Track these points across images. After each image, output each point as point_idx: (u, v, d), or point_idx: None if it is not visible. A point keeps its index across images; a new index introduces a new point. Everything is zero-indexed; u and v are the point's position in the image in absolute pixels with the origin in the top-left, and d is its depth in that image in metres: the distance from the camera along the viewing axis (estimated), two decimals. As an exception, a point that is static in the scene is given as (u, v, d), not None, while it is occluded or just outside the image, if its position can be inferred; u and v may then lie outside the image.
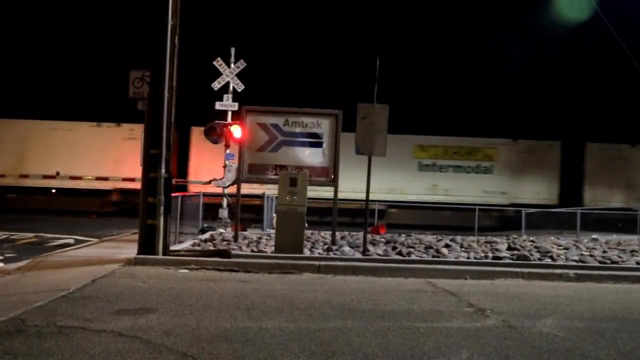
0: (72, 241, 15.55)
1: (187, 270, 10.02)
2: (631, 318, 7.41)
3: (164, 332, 5.85)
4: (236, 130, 16.21)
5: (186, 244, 13.08)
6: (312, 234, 15.48)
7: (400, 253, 12.17)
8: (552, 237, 18.32)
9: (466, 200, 26.24)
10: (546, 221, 24.41)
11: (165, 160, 10.72)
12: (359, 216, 21.73)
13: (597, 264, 11.72)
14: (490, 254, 12.22)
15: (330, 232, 13.74)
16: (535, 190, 27.76)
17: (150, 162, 10.75)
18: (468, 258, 11.82)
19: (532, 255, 12.23)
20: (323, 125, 13.53)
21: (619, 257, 12.67)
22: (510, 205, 26.19)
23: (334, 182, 13.36)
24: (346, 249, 12.36)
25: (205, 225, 17.50)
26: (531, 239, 17.01)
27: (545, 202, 26.92)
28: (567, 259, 12.16)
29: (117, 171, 27.41)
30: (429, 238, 15.86)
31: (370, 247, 12.63)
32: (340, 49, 35.52)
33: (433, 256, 12.00)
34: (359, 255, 11.70)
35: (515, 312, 7.45)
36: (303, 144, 13.57)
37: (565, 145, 28.22)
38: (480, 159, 27.93)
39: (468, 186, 27.65)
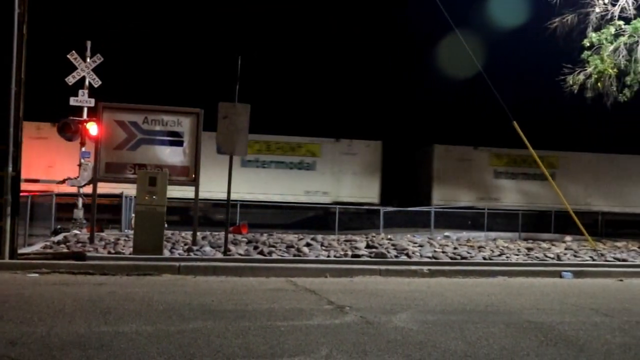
0: None
1: (37, 275, 9.47)
2: (478, 310, 7.87)
3: (8, 341, 5.47)
4: (92, 128, 15.52)
5: (37, 247, 12.33)
6: (172, 234, 15.14)
7: (262, 252, 12.18)
8: (409, 235, 19.07)
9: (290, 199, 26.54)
10: (403, 219, 25.38)
11: (13, 158, 10.08)
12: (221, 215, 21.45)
13: (449, 260, 12.36)
14: (349, 252, 12.54)
15: (192, 232, 13.49)
16: (357, 189, 28.20)
17: (-4, 160, 10.05)
18: (328, 256, 12.06)
19: (389, 252, 12.69)
20: (184, 124, 13.25)
21: (468, 253, 13.45)
22: (334, 203, 26.36)
23: (194, 182, 13.13)
24: (207, 249, 12.19)
25: (59, 226, 16.58)
26: (389, 237, 17.61)
27: (366, 201, 27.42)
28: (421, 255, 12.72)
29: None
30: (290, 237, 16.00)
31: (232, 247, 12.54)
32: (204, 47, 35.08)
33: (294, 255, 12.13)
34: (220, 256, 11.58)
35: (373, 308, 7.68)
36: (163, 143, 13.22)
37: (387, 146, 28.66)
38: (303, 155, 27.83)
39: (293, 185, 27.60)
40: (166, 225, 12.24)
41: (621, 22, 19.23)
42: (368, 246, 13.85)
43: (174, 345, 5.55)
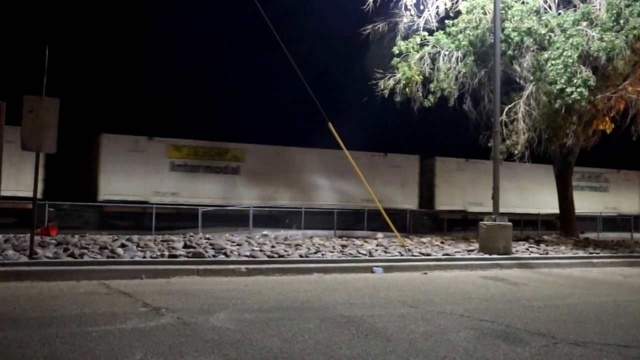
0: None
1: None
2: (294, 307, 8.05)
3: None
4: None
5: None
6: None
7: (72, 255, 11.52)
8: (227, 234, 19.06)
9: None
10: (222, 219, 25.32)
11: None
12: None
13: (266, 259, 12.52)
14: (166, 253, 12.27)
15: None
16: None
17: None
18: (144, 257, 11.71)
19: (207, 252, 12.59)
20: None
21: (286, 251, 13.72)
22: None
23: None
24: (10, 252, 11.28)
25: None
26: (207, 236, 17.47)
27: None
28: (239, 254, 12.76)
29: None
30: (104, 238, 15.33)
31: (39, 250, 11.73)
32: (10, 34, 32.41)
33: (108, 257, 11.62)
34: (25, 259, 10.78)
35: (190, 309, 7.57)
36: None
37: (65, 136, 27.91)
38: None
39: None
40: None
41: (425, 33, 20.69)
42: (186, 246, 13.64)
43: (-31, 358, 5.09)
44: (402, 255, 14.27)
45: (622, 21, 17.51)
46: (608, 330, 6.92)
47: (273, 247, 14.60)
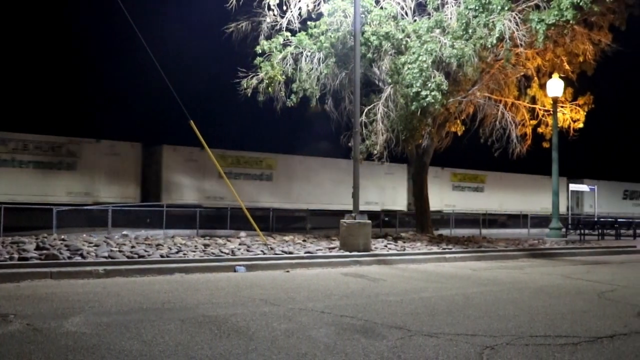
0: None
1: None
2: (154, 308, 7.86)
3: None
4: None
5: None
6: None
7: None
8: (85, 235, 18.28)
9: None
10: (79, 219, 24.27)
11: None
12: None
13: (126, 259, 12.15)
14: (16, 255, 11.56)
15: None
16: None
17: None
18: (-10, 261, 10.96)
19: (62, 253, 12.01)
20: None
21: (146, 251, 13.38)
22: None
23: None
24: None
25: None
26: (62, 237, 16.66)
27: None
28: (97, 255, 12.28)
29: None
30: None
31: None
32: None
33: (-51, 261, 10.78)
34: None
35: (42, 314, 7.19)
36: None
37: None
38: None
39: None
40: None
41: (288, 34, 20.95)
42: (38, 248, 12.93)
43: None
44: (264, 253, 14.35)
45: (470, 30, 18.63)
46: (458, 321, 7.34)
47: (133, 247, 14.18)
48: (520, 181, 42.53)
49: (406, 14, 21.00)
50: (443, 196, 37.16)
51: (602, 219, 33.46)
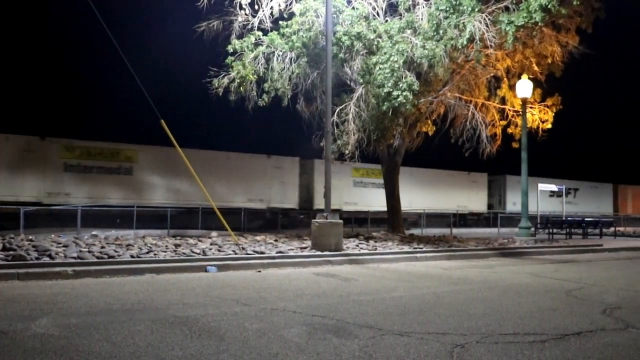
0: None
1: None
2: (124, 309, 7.79)
3: None
4: None
5: None
6: None
7: None
8: (53, 235, 18.02)
9: None
10: (48, 219, 23.95)
11: None
12: None
13: (95, 260, 12.00)
14: (-18, 257, 11.36)
15: None
16: None
17: None
18: (-44, 262, 10.76)
19: (29, 254, 11.83)
20: None
21: (116, 251, 13.23)
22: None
23: None
24: None
25: None
26: (30, 237, 16.41)
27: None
28: (66, 256, 12.12)
29: None
30: None
31: None
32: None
33: None
34: None
35: (8, 316, 7.08)
36: None
37: None
38: None
39: None
40: None
41: (260, 33, 20.92)
42: (5, 249, 12.72)
43: None
44: (236, 253, 14.29)
45: (441, 31, 18.78)
46: (429, 319, 7.39)
47: (103, 247, 14.02)
48: (433, 176, 40.22)
49: (378, 14, 21.10)
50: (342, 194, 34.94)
51: (570, 218, 33.92)
